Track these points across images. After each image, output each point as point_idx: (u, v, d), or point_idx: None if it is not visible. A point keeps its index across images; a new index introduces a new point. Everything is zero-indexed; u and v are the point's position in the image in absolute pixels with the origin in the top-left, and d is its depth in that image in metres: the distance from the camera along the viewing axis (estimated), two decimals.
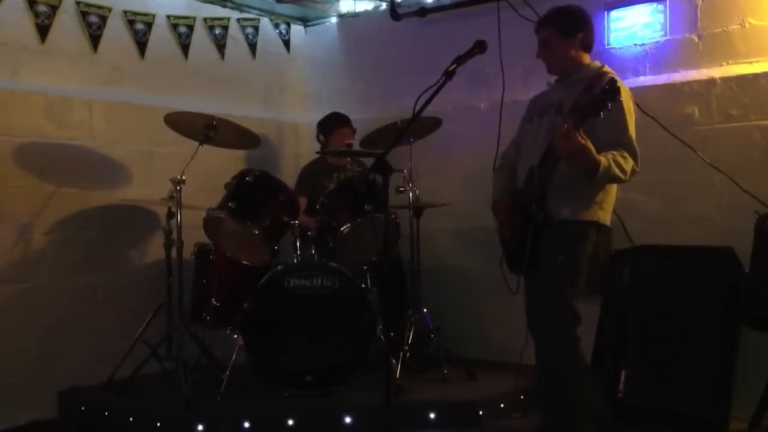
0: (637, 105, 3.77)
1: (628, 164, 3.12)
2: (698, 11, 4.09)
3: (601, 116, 2.93)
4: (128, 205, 4.46)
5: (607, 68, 3.36)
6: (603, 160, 3.03)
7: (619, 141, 3.14)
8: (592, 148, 3.00)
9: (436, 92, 2.85)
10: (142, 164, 4.60)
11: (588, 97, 3.03)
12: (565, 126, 2.99)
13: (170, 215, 4.08)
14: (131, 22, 4.62)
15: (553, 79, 3.51)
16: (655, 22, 4.23)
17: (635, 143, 3.18)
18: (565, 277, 3.22)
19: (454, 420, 3.77)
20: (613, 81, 2.98)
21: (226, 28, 5.10)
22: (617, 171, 3.07)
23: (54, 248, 4.21)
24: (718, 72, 4.00)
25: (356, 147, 4.65)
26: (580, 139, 2.97)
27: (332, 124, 4.84)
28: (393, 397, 3.25)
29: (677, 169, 4.04)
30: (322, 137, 4.88)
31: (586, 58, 3.41)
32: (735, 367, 3.56)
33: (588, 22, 3.40)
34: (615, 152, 3.09)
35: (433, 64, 3.21)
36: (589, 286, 3.32)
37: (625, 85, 3.38)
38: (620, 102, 3.01)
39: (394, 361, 3.97)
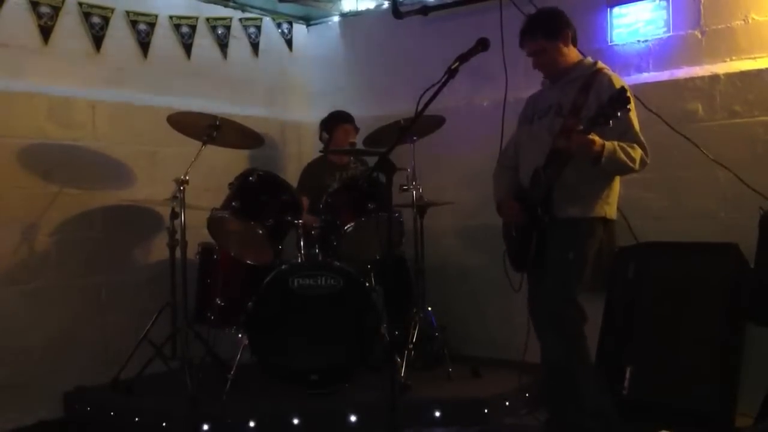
0: (640, 102, 3.78)
1: (636, 153, 3.12)
2: (701, 7, 4.08)
3: (611, 125, 2.95)
4: (132, 206, 4.46)
5: (600, 64, 3.36)
6: (608, 144, 3.04)
7: (627, 136, 3.16)
8: (596, 137, 3.01)
9: (439, 90, 2.85)
10: (145, 165, 4.60)
11: (594, 104, 3.05)
12: (582, 134, 3.00)
13: (174, 215, 4.09)
14: (134, 23, 4.62)
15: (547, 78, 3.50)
16: (658, 18, 4.22)
17: (642, 137, 3.18)
18: (572, 273, 3.23)
19: (459, 418, 3.77)
20: (623, 90, 2.98)
21: (228, 27, 5.11)
22: (623, 156, 3.07)
23: (58, 249, 4.22)
24: (721, 68, 3.99)
25: (359, 146, 4.65)
26: (592, 143, 2.98)
27: (335, 121, 4.84)
28: (398, 396, 3.26)
29: (681, 166, 4.04)
30: (325, 135, 4.88)
31: (578, 54, 3.41)
32: (740, 363, 3.56)
33: (567, 18, 3.41)
34: (623, 143, 3.10)
35: (435, 62, 3.21)
36: (591, 283, 3.32)
37: (629, 81, 3.39)
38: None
39: (398, 360, 3.97)
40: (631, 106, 3.19)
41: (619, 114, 2.94)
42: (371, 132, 4.55)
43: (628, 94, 2.98)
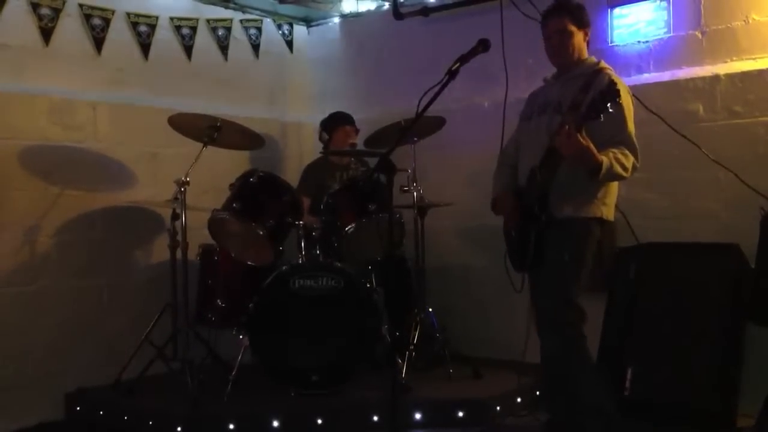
0: (640, 102, 3.77)
1: (629, 161, 3.12)
2: (701, 8, 4.08)
3: (602, 119, 2.94)
4: (133, 207, 4.47)
5: (603, 64, 3.35)
6: (605, 159, 3.04)
7: (619, 137, 3.14)
8: (594, 149, 3.01)
9: (440, 91, 2.84)
10: (146, 166, 4.61)
11: (588, 99, 3.04)
12: (566, 128, 3.00)
13: (175, 216, 4.10)
14: (134, 24, 4.63)
15: (550, 75, 3.50)
16: (659, 19, 4.22)
17: (635, 139, 3.18)
18: (569, 274, 3.22)
19: (460, 418, 3.77)
20: (613, 83, 2.98)
21: (229, 29, 5.11)
22: (619, 169, 3.08)
23: (59, 250, 4.23)
24: (722, 68, 3.99)
25: (360, 146, 4.65)
26: (581, 140, 2.98)
27: (335, 122, 4.85)
28: (399, 397, 3.26)
29: (682, 166, 4.03)
30: (325, 135, 4.88)
31: (586, 53, 3.41)
32: (741, 363, 3.56)
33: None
34: (615, 150, 3.09)
35: (436, 63, 3.21)
36: (592, 283, 3.32)
37: (629, 82, 3.38)
38: (619, 102, 3.02)
39: (399, 360, 3.97)
40: (627, 104, 3.19)
41: (609, 106, 2.92)
42: (372, 133, 4.56)
43: (619, 87, 2.97)
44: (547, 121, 3.31)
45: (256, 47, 5.29)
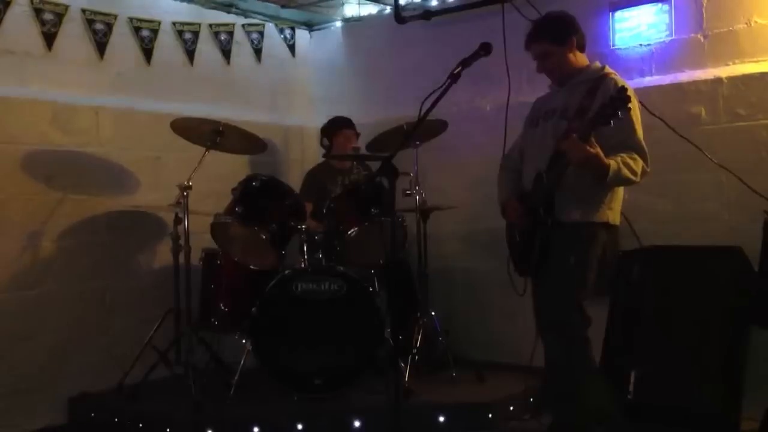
0: (643, 105, 3.77)
1: (638, 165, 3.12)
2: (704, 11, 4.08)
3: (612, 125, 2.94)
4: (136, 211, 4.47)
5: (608, 69, 3.35)
6: (612, 163, 3.04)
7: (628, 143, 3.14)
8: (601, 154, 3.01)
9: (442, 95, 2.85)
10: (149, 170, 4.61)
11: (597, 104, 3.04)
12: (573, 135, 3.00)
13: (178, 221, 4.09)
14: (137, 29, 4.64)
15: None
16: (661, 22, 4.22)
17: (644, 144, 3.17)
18: (575, 278, 3.22)
19: (464, 422, 3.76)
20: (623, 89, 2.98)
21: (231, 33, 5.12)
22: (628, 173, 3.08)
23: (62, 255, 4.23)
24: (724, 71, 4.00)
25: (362, 150, 4.66)
26: (589, 148, 2.98)
27: (335, 127, 4.86)
28: (402, 400, 3.25)
29: (685, 169, 4.03)
30: (326, 141, 4.89)
31: (585, 59, 3.41)
32: (745, 367, 3.55)
33: (575, 23, 3.39)
34: (624, 154, 3.09)
35: (438, 66, 3.22)
36: (596, 287, 3.32)
37: (631, 85, 3.37)
38: (629, 107, 3.02)
39: (402, 364, 3.97)
40: (635, 109, 3.19)
41: (619, 113, 2.93)
42: (374, 136, 4.56)
43: (629, 92, 2.97)
44: (553, 127, 3.31)
45: (258, 52, 5.30)
